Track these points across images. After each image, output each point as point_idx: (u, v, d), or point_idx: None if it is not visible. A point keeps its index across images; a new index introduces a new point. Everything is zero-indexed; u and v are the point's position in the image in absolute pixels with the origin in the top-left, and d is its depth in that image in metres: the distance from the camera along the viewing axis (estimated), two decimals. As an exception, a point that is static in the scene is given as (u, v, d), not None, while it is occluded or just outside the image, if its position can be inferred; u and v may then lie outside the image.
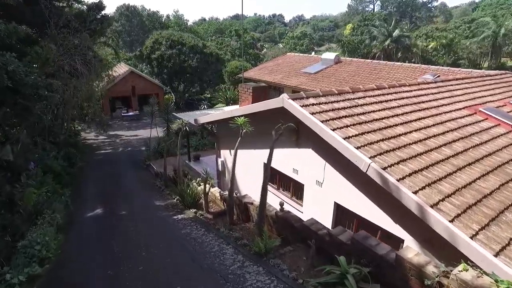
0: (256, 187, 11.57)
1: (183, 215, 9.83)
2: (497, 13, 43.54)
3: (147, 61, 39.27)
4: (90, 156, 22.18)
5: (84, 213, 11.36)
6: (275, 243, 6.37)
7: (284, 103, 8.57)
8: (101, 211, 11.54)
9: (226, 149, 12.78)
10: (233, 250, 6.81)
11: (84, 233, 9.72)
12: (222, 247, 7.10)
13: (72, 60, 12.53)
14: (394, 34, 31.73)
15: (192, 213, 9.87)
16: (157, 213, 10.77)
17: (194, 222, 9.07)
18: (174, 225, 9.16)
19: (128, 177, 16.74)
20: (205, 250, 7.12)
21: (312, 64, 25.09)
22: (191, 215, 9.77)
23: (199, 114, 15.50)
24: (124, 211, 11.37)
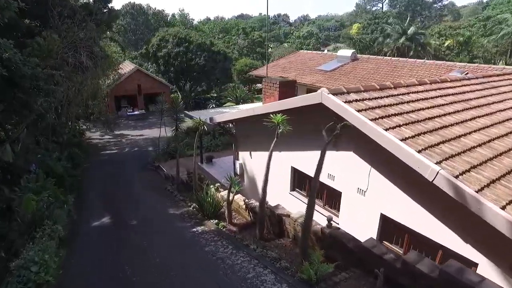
0: (279, 194, 10.35)
1: (203, 227, 8.60)
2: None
3: (153, 59, 38.10)
4: (95, 157, 21.02)
5: (89, 222, 10.18)
6: (329, 269, 5.14)
7: (323, 99, 7.34)
8: (108, 220, 10.35)
9: (245, 151, 11.57)
10: (274, 277, 5.57)
11: (90, 249, 8.50)
12: (259, 272, 5.87)
13: (77, 53, 11.36)
14: (409, 32, 30.41)
15: (214, 224, 8.65)
16: (172, 223, 9.54)
17: (218, 237, 7.84)
18: (195, 241, 7.91)
19: (136, 180, 15.54)
20: (238, 276, 5.88)
21: (327, 62, 23.83)
22: (213, 227, 8.54)
23: (213, 113, 14.30)
24: (134, 221, 10.16)
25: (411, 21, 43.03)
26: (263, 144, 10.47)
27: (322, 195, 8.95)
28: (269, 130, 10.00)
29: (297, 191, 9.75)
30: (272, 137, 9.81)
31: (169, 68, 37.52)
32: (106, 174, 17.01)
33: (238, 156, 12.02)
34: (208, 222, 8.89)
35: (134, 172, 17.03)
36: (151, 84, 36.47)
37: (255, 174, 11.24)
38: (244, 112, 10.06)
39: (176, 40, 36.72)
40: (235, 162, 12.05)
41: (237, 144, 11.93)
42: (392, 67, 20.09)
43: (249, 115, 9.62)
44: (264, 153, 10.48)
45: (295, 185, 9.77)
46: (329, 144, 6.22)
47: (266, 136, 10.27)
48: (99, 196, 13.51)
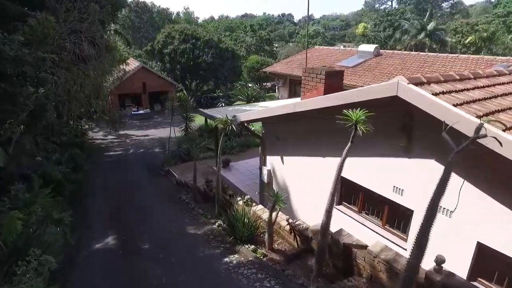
0: (319, 207, 8.51)
1: (238, 257, 6.71)
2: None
3: (159, 56, 36.26)
4: (98, 159, 19.19)
5: (91, 245, 8.30)
6: None
7: (401, 91, 5.47)
8: (113, 241, 8.44)
9: (275, 155, 9.71)
10: None
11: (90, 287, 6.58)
12: None
13: (77, 39, 9.56)
14: (428, 27, 28.54)
15: (250, 252, 6.78)
16: (196, 249, 7.58)
17: (261, 272, 5.99)
18: (232, 280, 5.95)
19: (144, 187, 13.65)
20: None
21: (347, 57, 21.98)
22: (250, 255, 6.66)
23: (232, 111, 12.45)
24: (147, 244, 8.19)
25: (422, 16, 41.04)
26: (301, 148, 8.63)
27: (382, 212, 7.08)
28: (311, 131, 8.20)
29: (344, 205, 7.89)
30: (317, 139, 8.01)
31: (175, 65, 35.68)
32: (110, 179, 15.16)
33: (266, 161, 10.16)
34: (242, 249, 6.98)
35: (141, 177, 15.16)
36: (157, 82, 34.60)
37: (288, 184, 9.40)
38: (279, 109, 8.19)
39: (183, 36, 34.90)
40: (262, 168, 10.19)
41: (264, 148, 10.08)
42: (421, 62, 18.22)
43: (288, 112, 7.76)
44: (303, 159, 8.63)
45: (342, 198, 7.92)
46: (405, 149, 4.34)
47: (305, 138, 8.45)
48: (102, 207, 11.64)
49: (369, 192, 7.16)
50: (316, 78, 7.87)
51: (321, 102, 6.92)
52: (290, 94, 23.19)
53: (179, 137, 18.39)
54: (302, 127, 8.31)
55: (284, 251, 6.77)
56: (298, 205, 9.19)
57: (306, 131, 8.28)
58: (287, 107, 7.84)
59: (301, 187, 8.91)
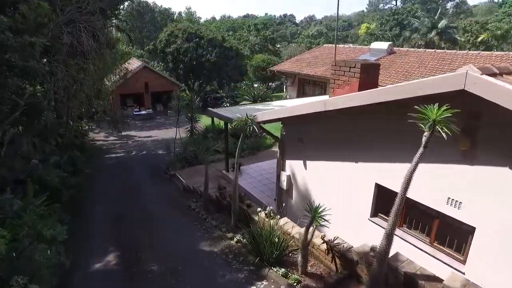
0: (350, 219, 7.45)
1: (267, 284, 5.59)
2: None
3: (161, 55, 35.21)
4: (99, 161, 18.14)
5: (89, 265, 7.22)
6: None
7: (470, 83, 4.39)
8: (115, 259, 7.28)
9: (296, 159, 8.65)
10: None
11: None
12: None
13: (76, 29, 8.50)
14: (440, 25, 27.52)
15: (280, 277, 5.67)
16: (215, 273, 6.36)
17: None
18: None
19: (149, 192, 12.56)
20: None
21: (358, 56, 20.93)
22: (281, 282, 5.52)
23: (244, 111, 11.37)
24: (154, 265, 6.97)
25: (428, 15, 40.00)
26: (329, 152, 7.56)
27: (429, 227, 6.02)
28: (343, 132, 7.12)
29: (381, 217, 6.83)
30: (349, 141, 6.94)
31: (177, 65, 34.61)
32: (112, 183, 14.08)
33: (285, 166, 9.09)
34: (271, 273, 5.81)
35: (145, 181, 14.09)
36: (159, 82, 33.56)
37: (312, 192, 8.33)
38: (306, 107, 7.11)
39: (186, 35, 33.84)
40: (281, 174, 9.12)
41: (284, 151, 9.01)
42: (439, 60, 17.17)
43: (316, 110, 6.70)
44: (330, 164, 7.57)
45: (379, 209, 6.85)
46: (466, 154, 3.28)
47: (335, 140, 7.39)
48: (103, 216, 10.55)
49: (413, 203, 6.09)
50: (349, 72, 6.81)
51: (371, 97, 5.76)
52: (298, 93, 22.15)
53: (184, 139, 17.34)
54: (331, 127, 7.25)
55: (321, 276, 5.68)
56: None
57: (337, 132, 7.21)
58: (316, 105, 6.77)
59: (327, 196, 7.84)
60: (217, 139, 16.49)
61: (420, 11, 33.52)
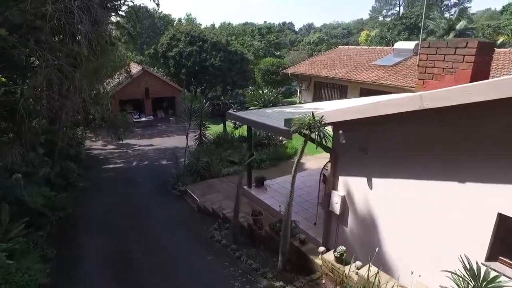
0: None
1: None
2: None
3: (163, 60, 33.15)
4: (95, 173, 15.88)
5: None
6: None
7: None
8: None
9: (355, 176, 6.50)
10: None
11: None
12: None
13: (67, 12, 6.38)
14: (458, 27, 25.82)
15: None
16: None
17: None
18: None
19: (157, 214, 10.21)
20: None
21: (381, 56, 18.99)
22: None
23: (272, 114, 9.25)
24: None
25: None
26: (416, 167, 5.38)
27: None
28: (435, 141, 4.89)
29: (503, 262, 4.67)
30: (446, 151, 4.75)
31: (180, 70, 32.50)
32: (111, 201, 11.75)
33: (337, 184, 6.93)
34: None
35: (150, 198, 11.76)
36: (160, 87, 31.40)
37: (380, 220, 6.17)
38: (392, 104, 4.95)
39: (189, 38, 31.83)
40: (332, 194, 6.94)
41: (336, 164, 6.85)
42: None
43: (408, 109, 4.57)
44: (415, 183, 5.41)
45: (500, 250, 4.70)
46: None
47: (421, 151, 5.17)
48: (99, 250, 8.16)
49: None
50: (454, 55, 4.70)
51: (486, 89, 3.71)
52: (314, 98, 20.11)
53: (192, 148, 15.14)
54: (423, 134, 5.11)
55: None
56: (399, 255, 5.94)
57: (430, 140, 5.07)
58: (409, 101, 4.63)
59: (408, 228, 5.68)
60: (230, 148, 14.32)
61: (436, 13, 31.95)
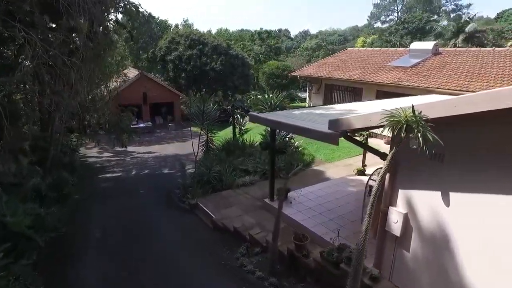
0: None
1: None
2: None
3: (161, 64, 31.81)
4: (91, 183, 14.35)
5: None
6: None
7: None
8: None
9: (421, 189, 5.16)
10: None
11: None
12: None
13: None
14: (467, 29, 24.93)
15: None
16: None
17: None
18: None
19: (166, 234, 8.63)
20: None
21: (395, 58, 17.86)
22: None
23: (302, 115, 7.92)
24: None
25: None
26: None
27: None
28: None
29: None
30: None
31: (179, 74, 31.16)
32: (111, 217, 10.16)
33: (396, 199, 5.58)
34: None
35: (156, 213, 10.18)
36: (159, 92, 29.96)
37: (460, 247, 4.81)
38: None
39: (189, 41, 30.59)
40: (390, 212, 5.58)
41: (395, 174, 5.51)
42: (507, 58, 14.14)
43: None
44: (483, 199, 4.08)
45: None
46: None
47: None
48: (98, 284, 6.65)
49: None
50: None
51: None
52: (325, 101, 18.86)
53: (200, 155, 13.71)
54: None
55: None
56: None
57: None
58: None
59: (508, 260, 4.33)
60: (242, 155, 12.93)
61: (444, 14, 31.20)
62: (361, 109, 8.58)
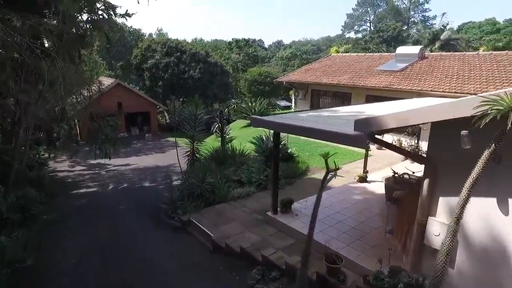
0: None
1: None
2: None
3: (137, 72, 30.31)
4: (64, 200, 12.75)
5: None
6: None
7: None
8: None
9: (474, 196, 4.41)
10: None
11: None
12: None
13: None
14: (442, 37, 25.53)
15: None
16: None
17: None
18: None
19: (158, 259, 7.26)
20: None
21: (382, 62, 17.66)
22: None
23: (309, 118, 7.09)
24: None
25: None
26: None
27: None
28: None
29: None
30: None
31: (156, 82, 29.78)
32: (88, 241, 8.72)
33: (436, 209, 4.82)
34: None
35: (142, 233, 8.78)
36: (135, 102, 28.43)
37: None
38: None
39: (166, 49, 29.38)
40: (429, 222, 4.80)
41: (435, 178, 4.75)
42: (492, 62, 14.16)
43: None
44: None
45: None
46: None
47: None
48: None
49: None
50: None
51: None
52: (312, 107, 18.28)
53: (185, 166, 12.56)
54: None
55: None
56: None
57: None
58: None
59: None
60: (233, 165, 11.93)
61: (420, 23, 32.07)
62: (369, 111, 7.90)
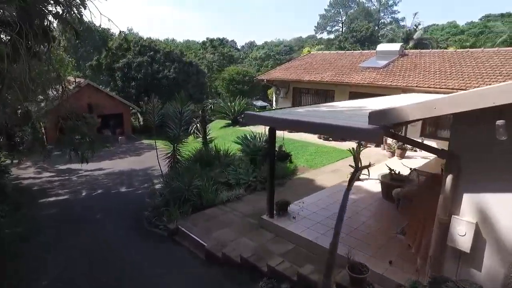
0: None
1: None
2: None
3: (108, 72, 28.73)
4: (30, 211, 11.50)
5: None
6: None
7: None
8: None
9: (499, 191, 4.05)
10: None
11: None
12: None
13: None
14: (415, 36, 26.17)
15: None
16: None
17: None
18: None
19: (143, 277, 6.38)
20: None
21: (363, 60, 17.61)
22: None
23: (307, 113, 6.58)
24: None
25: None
26: None
27: None
28: None
29: None
30: None
31: (128, 83, 28.36)
32: (61, 259, 7.73)
33: (459, 207, 4.43)
34: None
35: (124, 248, 7.92)
36: (106, 103, 26.89)
37: None
38: None
39: (138, 48, 28.06)
40: (453, 221, 4.41)
41: (459, 174, 4.36)
42: (471, 58, 14.42)
43: None
44: None
45: None
46: None
47: None
48: None
49: None
50: None
51: None
52: (294, 105, 17.91)
53: (166, 169, 11.71)
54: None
55: None
56: None
57: None
58: None
59: None
60: (219, 166, 11.24)
61: (393, 23, 32.78)
62: (369, 106, 7.54)
